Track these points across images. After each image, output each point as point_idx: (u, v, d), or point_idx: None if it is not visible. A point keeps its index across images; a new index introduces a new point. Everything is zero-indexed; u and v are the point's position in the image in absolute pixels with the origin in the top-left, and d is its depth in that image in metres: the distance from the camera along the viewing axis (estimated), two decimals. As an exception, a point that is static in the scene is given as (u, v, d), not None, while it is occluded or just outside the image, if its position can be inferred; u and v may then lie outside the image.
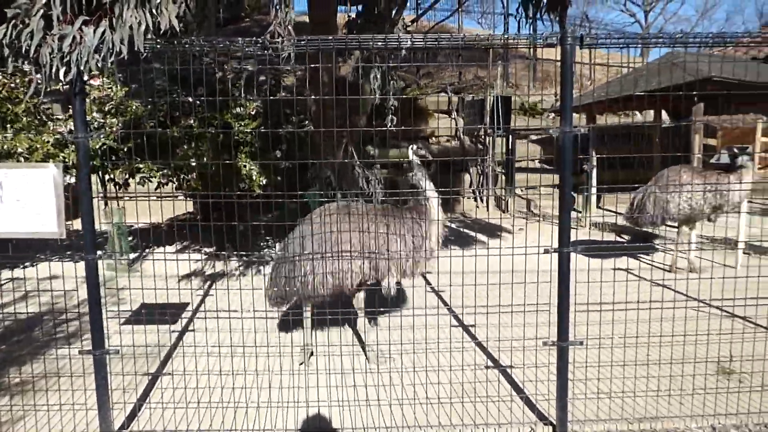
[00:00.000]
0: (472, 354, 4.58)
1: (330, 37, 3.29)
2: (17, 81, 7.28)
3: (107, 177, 8.00)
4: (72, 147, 6.92)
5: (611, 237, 9.85)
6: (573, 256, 3.30)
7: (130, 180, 8.08)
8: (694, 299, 5.42)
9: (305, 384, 3.92)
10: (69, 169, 6.82)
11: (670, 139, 12.58)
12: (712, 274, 4.32)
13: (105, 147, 7.39)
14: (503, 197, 13.45)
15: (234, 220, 3.89)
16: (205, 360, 4.36)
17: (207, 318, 5.34)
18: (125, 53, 2.91)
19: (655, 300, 5.36)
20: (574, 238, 3.34)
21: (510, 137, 13.60)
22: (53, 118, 7.74)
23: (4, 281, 7.08)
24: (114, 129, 7.40)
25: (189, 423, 3.53)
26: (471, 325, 5.23)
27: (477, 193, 14.09)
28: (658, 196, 7.03)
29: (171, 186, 8.29)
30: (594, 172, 11.32)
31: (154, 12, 2.98)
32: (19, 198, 3.18)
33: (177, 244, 8.84)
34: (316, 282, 4.13)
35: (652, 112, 14.43)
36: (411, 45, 3.32)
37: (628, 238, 9.69)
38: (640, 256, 8.17)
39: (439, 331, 4.22)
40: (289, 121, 9.48)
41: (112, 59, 2.92)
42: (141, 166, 7.62)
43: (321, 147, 7.37)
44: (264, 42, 3.32)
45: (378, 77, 7.63)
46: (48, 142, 7.06)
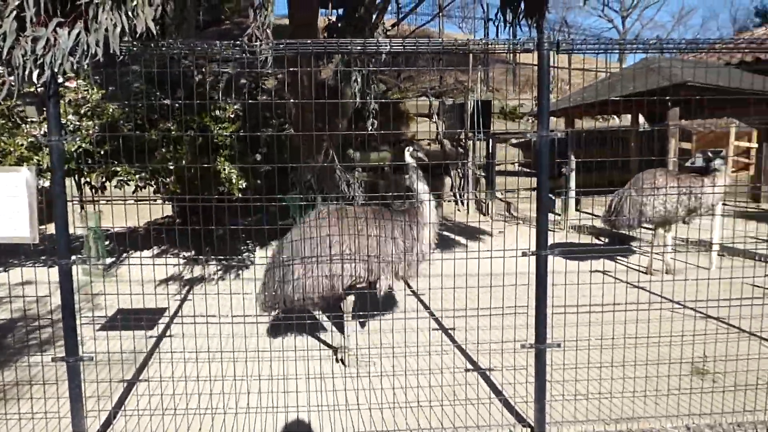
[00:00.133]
0: (451, 357, 4.59)
1: (309, 41, 3.29)
2: (-10, 83, 7.13)
3: (83, 180, 7.88)
4: (47, 150, 6.79)
5: (589, 239, 9.97)
6: (550, 258, 3.34)
7: (107, 183, 7.96)
8: (669, 300, 5.50)
9: (284, 389, 3.89)
10: (44, 173, 6.70)
11: (646, 143, 12.78)
12: (686, 275, 4.42)
13: (81, 150, 7.28)
14: (483, 200, 13.54)
15: (213, 223, 3.86)
16: (183, 366, 4.30)
17: (184, 323, 5.28)
18: (100, 55, 2.88)
19: (632, 302, 5.43)
20: (552, 240, 3.37)
21: (490, 141, 13.71)
22: (27, 120, 7.60)
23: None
24: (90, 132, 7.29)
25: (165, 430, 3.48)
26: (450, 328, 5.25)
27: (458, 197, 14.17)
28: (634, 198, 7.13)
29: (149, 189, 8.19)
30: (573, 175, 11.46)
31: (130, 14, 2.94)
32: (-9, 202, 3.11)
33: (155, 248, 8.73)
34: (309, 285, 4.10)
35: (629, 116, 14.65)
36: (390, 49, 3.34)
37: (605, 240, 9.82)
38: (617, 258, 8.27)
39: (419, 335, 4.23)
40: (270, 125, 9.43)
41: (87, 62, 2.89)
42: (118, 169, 7.52)
43: (301, 150, 7.34)
44: (242, 45, 3.30)
45: (359, 81, 7.62)
46: (22, 145, 6.93)
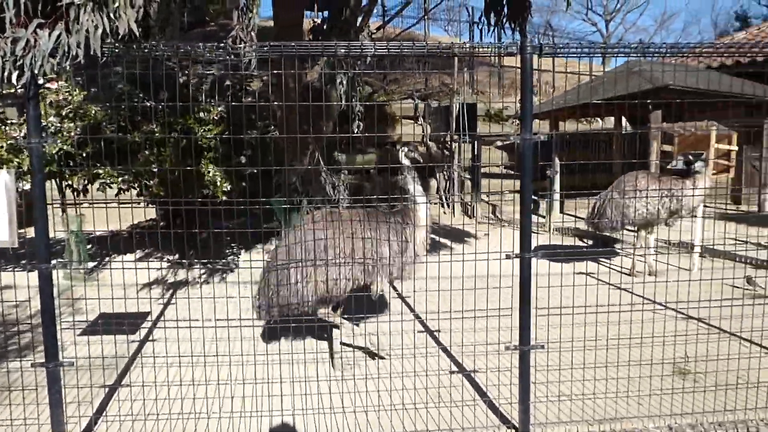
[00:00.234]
0: (436, 359, 4.59)
1: (293, 43, 3.28)
2: (-32, 85, 7.02)
3: (65, 183, 7.77)
4: (27, 152, 6.70)
5: (573, 241, 10.05)
6: (534, 260, 3.36)
7: (89, 186, 7.86)
8: (652, 302, 5.56)
9: (269, 393, 3.87)
10: (24, 175, 6.60)
11: (628, 145, 12.92)
12: (668, 277, 4.48)
13: (62, 152, 7.18)
14: (469, 203, 13.59)
15: (197, 226, 3.83)
16: (166, 371, 4.26)
17: (167, 327, 5.23)
18: (81, 57, 2.85)
19: (615, 303, 5.49)
20: (537, 242, 3.40)
21: (475, 143, 13.78)
22: (8, 122, 7.49)
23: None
24: (72, 134, 7.19)
25: (148, 435, 3.45)
26: (436, 330, 5.25)
27: (443, 199, 14.21)
28: (617, 201, 7.20)
29: (132, 192, 8.09)
30: (557, 177, 11.54)
31: (112, 16, 2.92)
32: (-32, 205, 3.06)
33: (138, 252, 8.64)
34: (308, 290, 4.08)
35: (612, 119, 14.81)
36: (375, 52, 3.34)
37: (589, 242, 9.90)
38: (600, 260, 8.35)
39: (404, 337, 4.23)
40: (255, 127, 9.38)
41: (68, 63, 2.85)
42: (101, 171, 7.42)
43: (286, 153, 7.32)
44: (227, 47, 3.29)
45: (344, 83, 7.62)
46: (1, 147, 6.83)
